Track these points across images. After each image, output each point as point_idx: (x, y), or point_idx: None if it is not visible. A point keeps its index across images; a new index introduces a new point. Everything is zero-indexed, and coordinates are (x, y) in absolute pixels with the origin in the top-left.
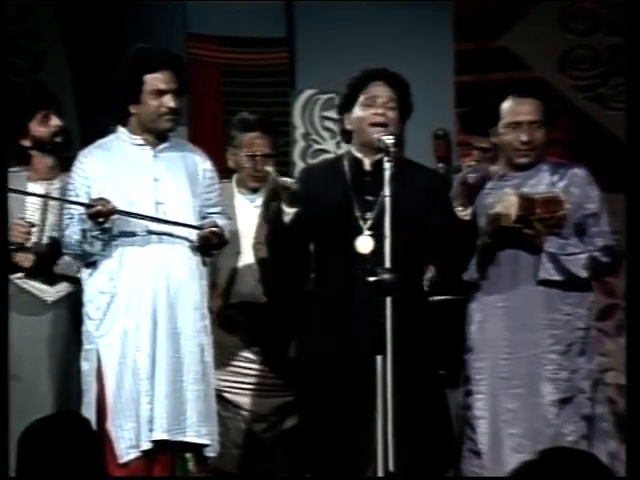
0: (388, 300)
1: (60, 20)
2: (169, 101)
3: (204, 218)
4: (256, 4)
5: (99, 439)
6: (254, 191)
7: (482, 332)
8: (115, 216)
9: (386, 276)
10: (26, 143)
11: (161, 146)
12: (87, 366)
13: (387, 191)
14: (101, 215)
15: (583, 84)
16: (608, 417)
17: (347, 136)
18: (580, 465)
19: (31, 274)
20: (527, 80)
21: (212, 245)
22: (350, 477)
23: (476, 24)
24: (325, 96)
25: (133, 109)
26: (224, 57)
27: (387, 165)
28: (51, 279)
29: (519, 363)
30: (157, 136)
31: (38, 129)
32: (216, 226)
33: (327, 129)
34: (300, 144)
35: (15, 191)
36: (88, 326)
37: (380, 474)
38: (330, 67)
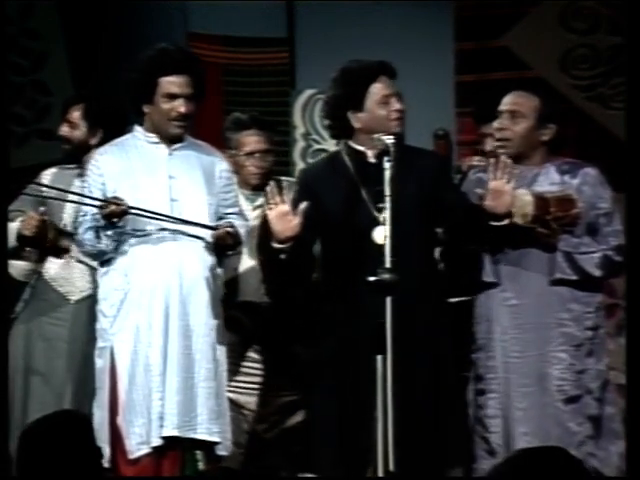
0: (388, 300)
1: (61, 19)
2: (180, 106)
3: (221, 219)
4: (256, 4)
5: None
6: (255, 189)
7: (493, 331)
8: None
9: (386, 276)
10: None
11: (177, 145)
12: (101, 363)
13: (387, 191)
14: (114, 215)
15: (584, 84)
16: (617, 418)
17: (347, 132)
18: (553, 463)
19: (49, 252)
20: (528, 80)
21: (227, 245)
22: (351, 476)
23: (477, 23)
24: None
25: (146, 109)
26: (225, 57)
27: (387, 165)
28: (76, 279)
29: (529, 362)
30: (169, 137)
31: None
32: (232, 226)
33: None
34: (300, 144)
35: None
36: (102, 323)
37: (380, 474)
38: (330, 67)
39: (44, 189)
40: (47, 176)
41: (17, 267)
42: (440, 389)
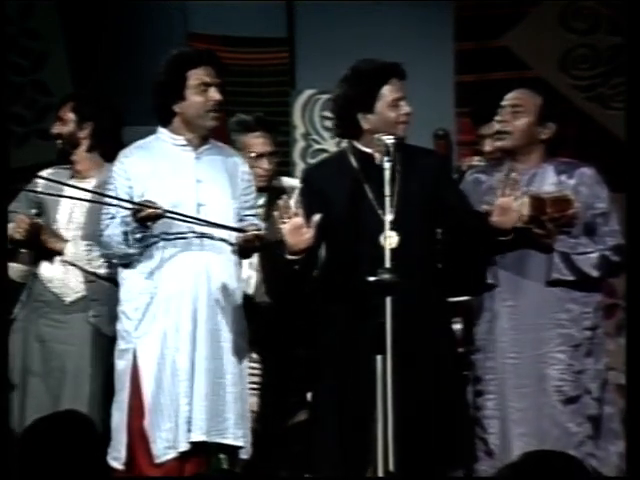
0: (388, 300)
1: (61, 19)
2: (215, 94)
3: (241, 220)
4: (256, 4)
5: (103, 439)
6: (259, 191)
7: (491, 332)
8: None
9: (386, 276)
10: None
11: (203, 147)
12: (122, 365)
13: (387, 191)
14: (150, 218)
15: (584, 84)
16: (617, 418)
17: (354, 133)
18: (561, 468)
19: (39, 256)
20: (528, 80)
21: (254, 248)
22: (351, 476)
23: (477, 23)
24: (325, 96)
25: (177, 108)
26: (225, 57)
27: (387, 165)
28: (70, 280)
29: (527, 363)
30: (200, 136)
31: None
32: (259, 229)
33: (327, 129)
34: (300, 144)
35: (60, 183)
36: (125, 325)
37: (380, 474)
38: (330, 67)
39: (39, 189)
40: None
41: (13, 268)
42: (440, 389)
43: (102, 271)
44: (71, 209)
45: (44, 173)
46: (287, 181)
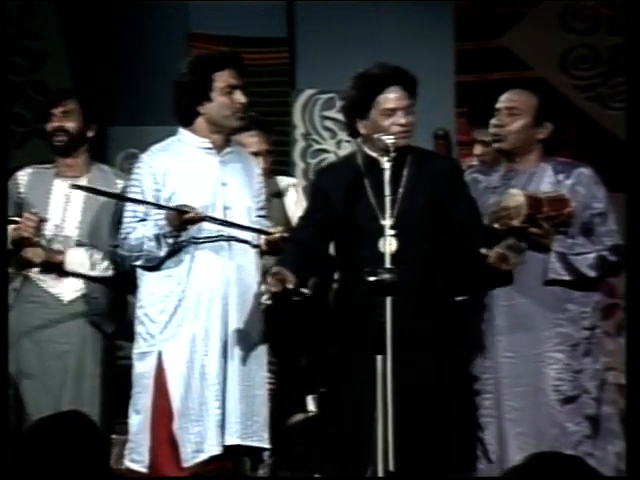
0: (388, 300)
1: (61, 19)
2: (240, 97)
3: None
4: (256, 4)
5: (106, 440)
6: None
7: (488, 331)
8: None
9: (386, 276)
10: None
11: (226, 150)
12: (143, 368)
13: (387, 191)
14: (191, 222)
15: (583, 84)
16: (615, 418)
17: (358, 135)
18: (568, 470)
19: (43, 271)
20: (528, 80)
21: (278, 249)
22: (352, 476)
23: (477, 24)
24: (325, 96)
25: (202, 109)
26: None
27: (387, 165)
28: (66, 278)
29: (524, 362)
30: (224, 137)
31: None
32: (285, 231)
33: (327, 129)
34: (300, 144)
35: (98, 192)
36: (149, 328)
37: (380, 474)
38: (330, 67)
39: (22, 190)
40: (23, 177)
41: None
42: (441, 391)
43: (109, 273)
44: (63, 208)
45: (24, 173)
46: (283, 180)
